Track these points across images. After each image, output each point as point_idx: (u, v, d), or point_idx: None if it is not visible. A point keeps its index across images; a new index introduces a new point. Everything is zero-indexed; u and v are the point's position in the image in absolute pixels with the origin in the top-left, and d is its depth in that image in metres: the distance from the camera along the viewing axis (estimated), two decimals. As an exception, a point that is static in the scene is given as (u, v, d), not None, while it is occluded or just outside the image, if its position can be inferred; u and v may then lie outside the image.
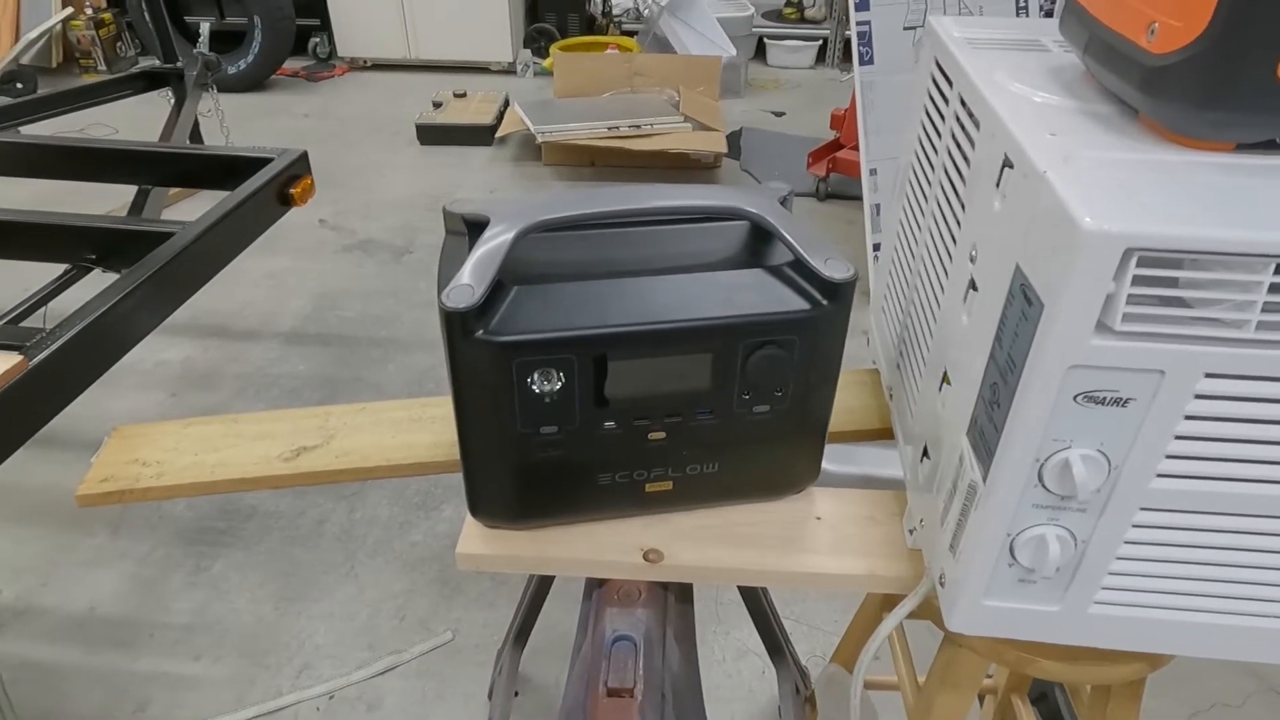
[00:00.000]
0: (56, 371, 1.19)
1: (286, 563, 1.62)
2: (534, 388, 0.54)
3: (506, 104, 3.70)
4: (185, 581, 1.57)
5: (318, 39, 4.51)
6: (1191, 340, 0.39)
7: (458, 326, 0.52)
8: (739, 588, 1.15)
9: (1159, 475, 0.43)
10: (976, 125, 0.52)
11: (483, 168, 3.37)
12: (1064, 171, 0.40)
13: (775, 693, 1.35)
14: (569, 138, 3.10)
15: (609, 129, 3.11)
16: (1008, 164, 0.45)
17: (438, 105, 3.68)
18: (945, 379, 0.54)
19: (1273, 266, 0.36)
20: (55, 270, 1.72)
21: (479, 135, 3.47)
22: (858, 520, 0.64)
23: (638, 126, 3.12)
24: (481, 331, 0.52)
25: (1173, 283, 0.39)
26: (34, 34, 3.82)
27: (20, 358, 1.13)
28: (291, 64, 4.38)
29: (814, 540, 0.63)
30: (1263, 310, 0.37)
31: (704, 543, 0.62)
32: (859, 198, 2.41)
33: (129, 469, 0.68)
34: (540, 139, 3.11)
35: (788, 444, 0.62)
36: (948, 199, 0.57)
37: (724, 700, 1.38)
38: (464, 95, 3.78)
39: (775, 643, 1.25)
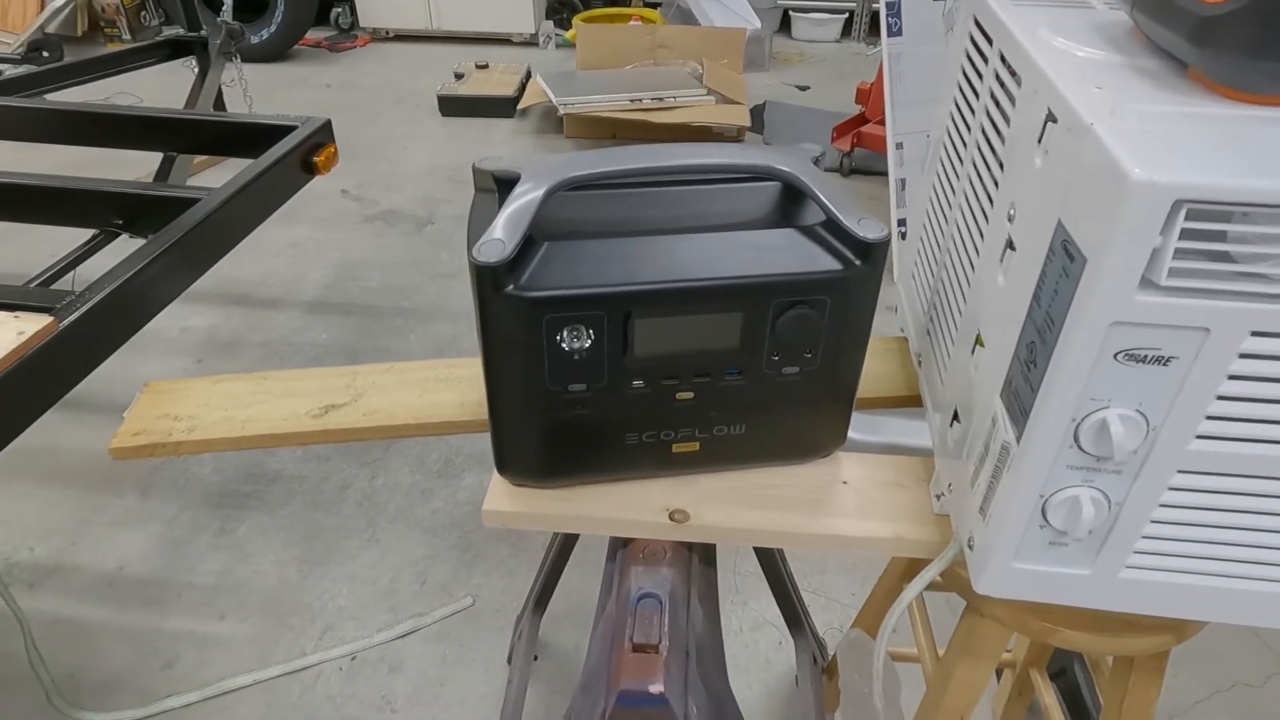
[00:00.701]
0: (85, 334, 1.21)
1: (310, 527, 1.64)
2: (563, 344, 0.54)
3: (529, 76, 3.68)
4: (211, 543, 1.60)
5: (340, 9, 4.50)
6: (1238, 297, 0.38)
7: (489, 281, 0.52)
8: (759, 558, 1.15)
9: (1198, 437, 0.43)
10: (1018, 82, 0.50)
11: (505, 140, 3.36)
12: (1111, 124, 0.39)
13: (793, 663, 1.36)
14: (591, 110, 3.08)
15: (631, 101, 3.09)
16: (1051, 119, 0.44)
17: (459, 77, 3.66)
18: (979, 341, 0.54)
19: (1327, 220, 0.35)
20: (83, 235, 1.74)
21: (501, 107, 3.46)
22: (884, 485, 0.64)
23: (660, 99, 3.09)
24: (512, 286, 0.52)
25: (1220, 237, 0.38)
26: (59, 2, 3.84)
27: (50, 319, 1.14)
28: (314, 34, 4.37)
29: (840, 504, 0.62)
30: (1314, 266, 0.36)
31: (730, 504, 0.62)
32: (883, 173, 2.38)
33: (161, 423, 0.69)
34: (562, 111, 3.09)
35: (816, 407, 0.61)
36: (985, 160, 0.56)
37: (741, 670, 1.39)
38: (486, 67, 3.76)
39: (794, 613, 1.26)
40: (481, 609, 1.48)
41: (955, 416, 0.58)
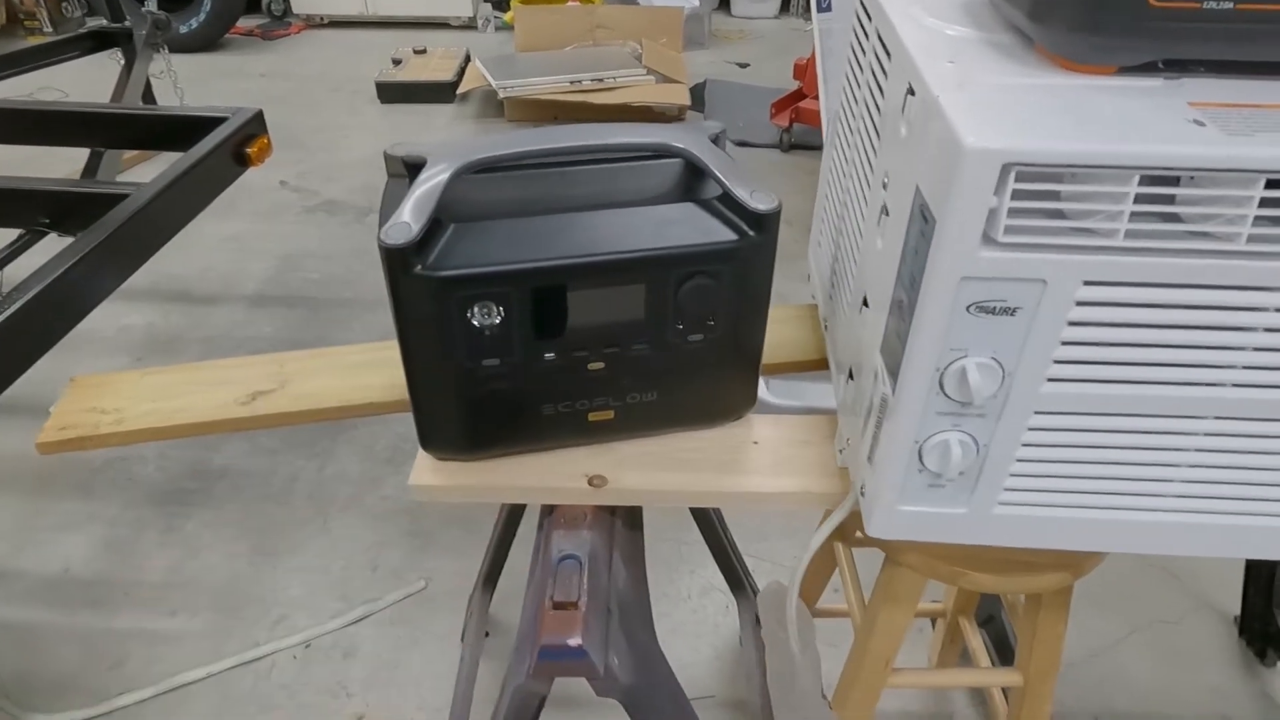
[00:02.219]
0: (13, 337, 1.19)
1: (259, 519, 1.64)
2: (474, 321, 0.57)
3: (468, 60, 3.64)
4: (158, 541, 1.59)
5: (271, -4, 4.40)
6: (1069, 250, 0.42)
7: (397, 262, 0.54)
8: (698, 525, 1.19)
9: (1049, 380, 0.47)
10: (890, 58, 0.54)
11: (445, 125, 3.33)
12: (954, 96, 0.43)
13: (738, 625, 1.41)
14: (531, 93, 3.08)
15: (571, 83, 3.09)
16: (910, 91, 0.48)
17: (397, 63, 3.62)
18: (865, 302, 0.57)
19: (1137, 178, 0.39)
20: (9, 236, 1.70)
21: (441, 92, 3.43)
22: (793, 443, 0.68)
23: (600, 80, 3.10)
24: (420, 267, 0.54)
25: (1054, 197, 0.42)
26: (-27, -5, 3.69)
27: (-24, 321, 1.13)
28: (245, 22, 4.28)
29: (752, 462, 0.66)
30: (1130, 219, 0.40)
31: (646, 468, 0.65)
32: (821, 148, 2.42)
33: (88, 416, 0.70)
34: (502, 94, 3.08)
35: (723, 371, 0.65)
36: (867, 132, 0.59)
37: (691, 635, 1.44)
38: (424, 52, 3.72)
39: (735, 577, 1.30)
40: (434, 591, 1.50)
41: (850, 375, 0.62)
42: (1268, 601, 1.34)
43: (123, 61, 2.61)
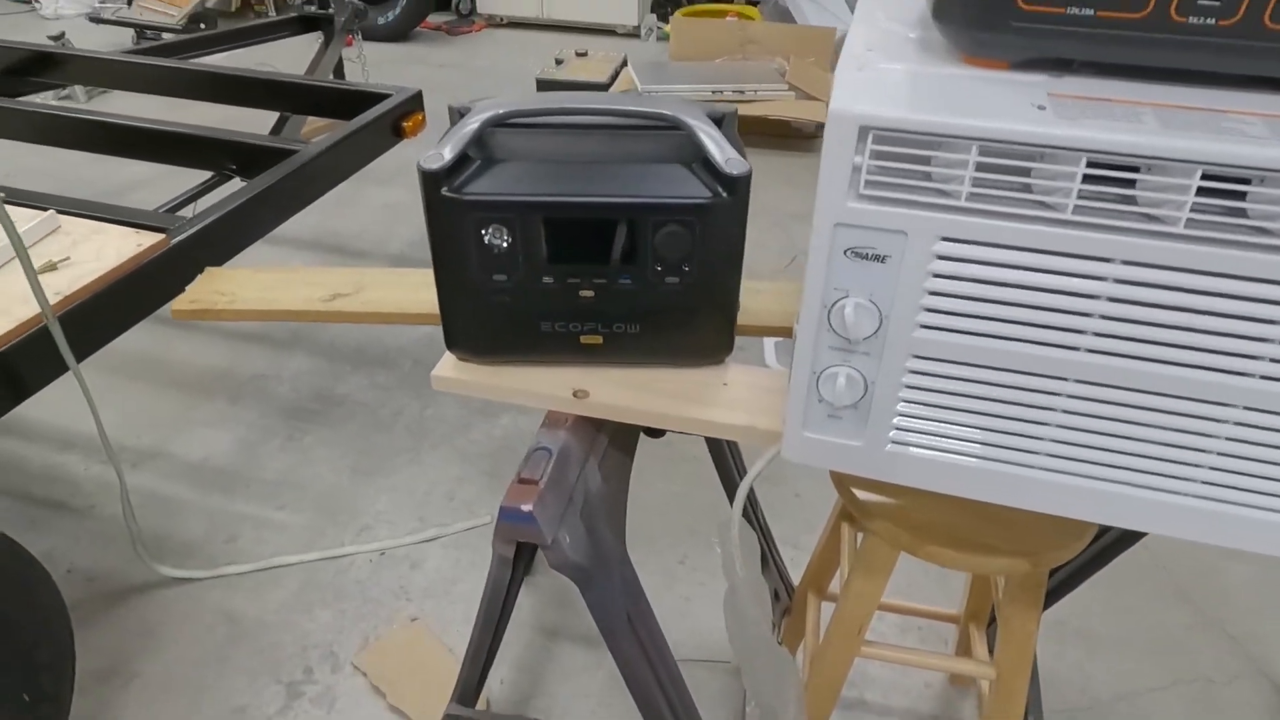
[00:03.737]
0: (190, 251, 1.45)
1: (364, 442, 1.87)
2: (487, 240, 0.70)
3: (624, 64, 3.85)
4: (280, 447, 1.85)
5: (461, -4, 4.81)
6: (925, 207, 0.50)
7: (430, 184, 0.68)
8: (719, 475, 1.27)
9: (921, 326, 0.54)
10: (849, 50, 0.63)
11: (593, 123, 3.54)
12: (849, 75, 0.52)
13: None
14: (673, 98, 3.23)
15: (713, 93, 3.22)
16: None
17: (559, 62, 3.87)
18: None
19: (975, 148, 0.47)
20: (203, 176, 2.03)
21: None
22: (756, 389, 0.77)
23: (741, 92, 3.21)
24: (446, 189, 0.68)
25: (924, 160, 0.50)
26: (217, -20, 4.28)
27: (163, 236, 1.39)
28: (435, 18, 4.70)
29: (714, 398, 0.76)
30: (972, 184, 0.48)
31: (625, 389, 0.77)
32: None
33: (211, 296, 0.90)
34: (646, 98, 3.25)
35: (699, 316, 0.75)
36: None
37: (716, 602, 1.52)
38: (585, 54, 3.96)
39: (763, 551, 1.38)
40: (498, 526, 1.66)
41: (801, 327, 0.70)
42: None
43: (322, 42, 3.00)
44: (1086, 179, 0.46)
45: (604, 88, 3.64)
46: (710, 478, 1.20)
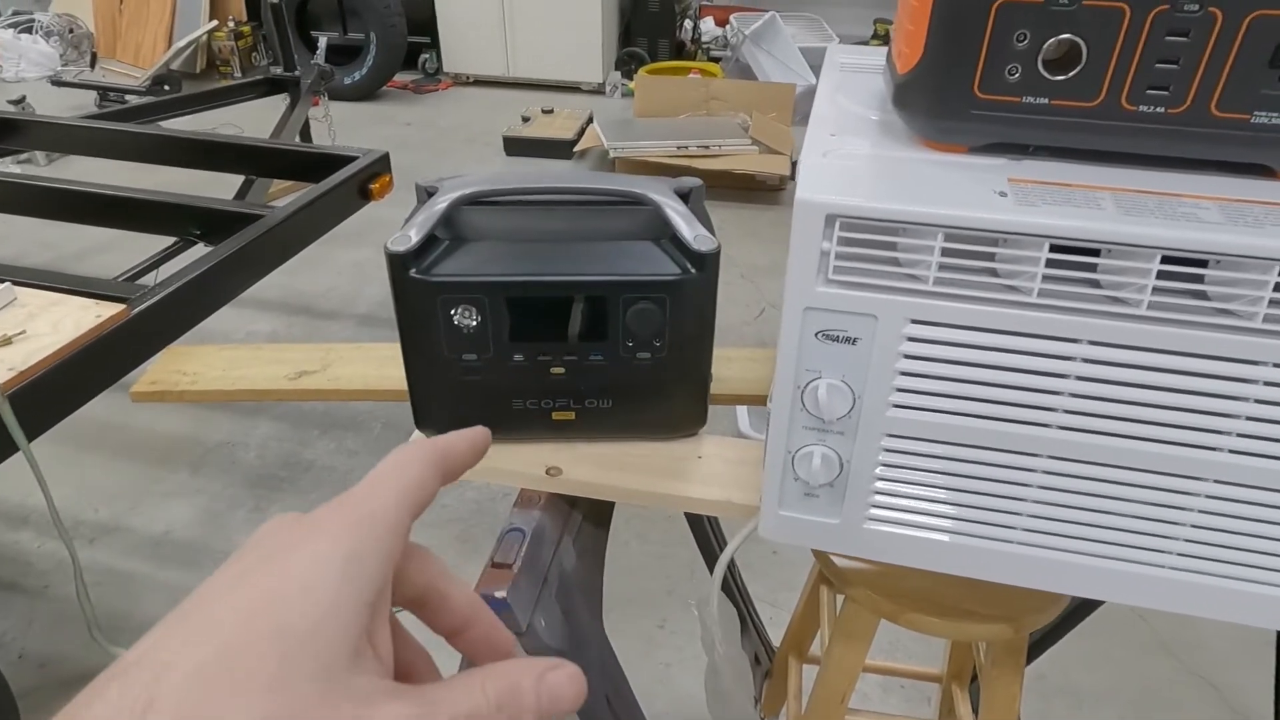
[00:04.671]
0: (153, 322, 1.42)
1: (331, 510, 1.82)
2: (456, 320, 0.69)
3: (589, 121, 3.92)
4: (245, 518, 1.80)
5: (427, 55, 4.88)
6: (894, 291, 0.50)
7: (398, 266, 0.68)
8: (698, 545, 1.26)
9: (894, 406, 0.54)
10: (813, 131, 0.64)
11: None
12: (815, 161, 0.53)
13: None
14: (640, 154, 3.28)
15: (678, 148, 3.27)
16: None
17: (526, 120, 3.93)
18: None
19: (941, 234, 0.48)
20: (165, 242, 2.01)
21: (559, 149, 3.70)
22: (731, 462, 0.76)
23: (706, 147, 3.27)
24: (414, 271, 0.67)
25: (891, 246, 0.50)
26: (182, 43, 4.31)
27: (124, 307, 1.36)
28: (401, 77, 4.76)
29: (689, 473, 0.75)
30: (938, 269, 0.49)
31: (598, 466, 0.76)
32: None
33: (173, 377, 0.88)
34: (612, 154, 3.30)
35: (672, 390, 0.74)
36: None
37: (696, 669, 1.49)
38: (551, 111, 4.03)
39: (741, 614, 1.36)
40: (471, 594, 1.62)
41: (774, 401, 0.70)
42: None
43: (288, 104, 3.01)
44: (1050, 263, 0.47)
45: (570, 144, 3.70)
46: (687, 535, 1.19)
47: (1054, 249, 0.47)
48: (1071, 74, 0.48)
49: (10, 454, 1.14)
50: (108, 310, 1.34)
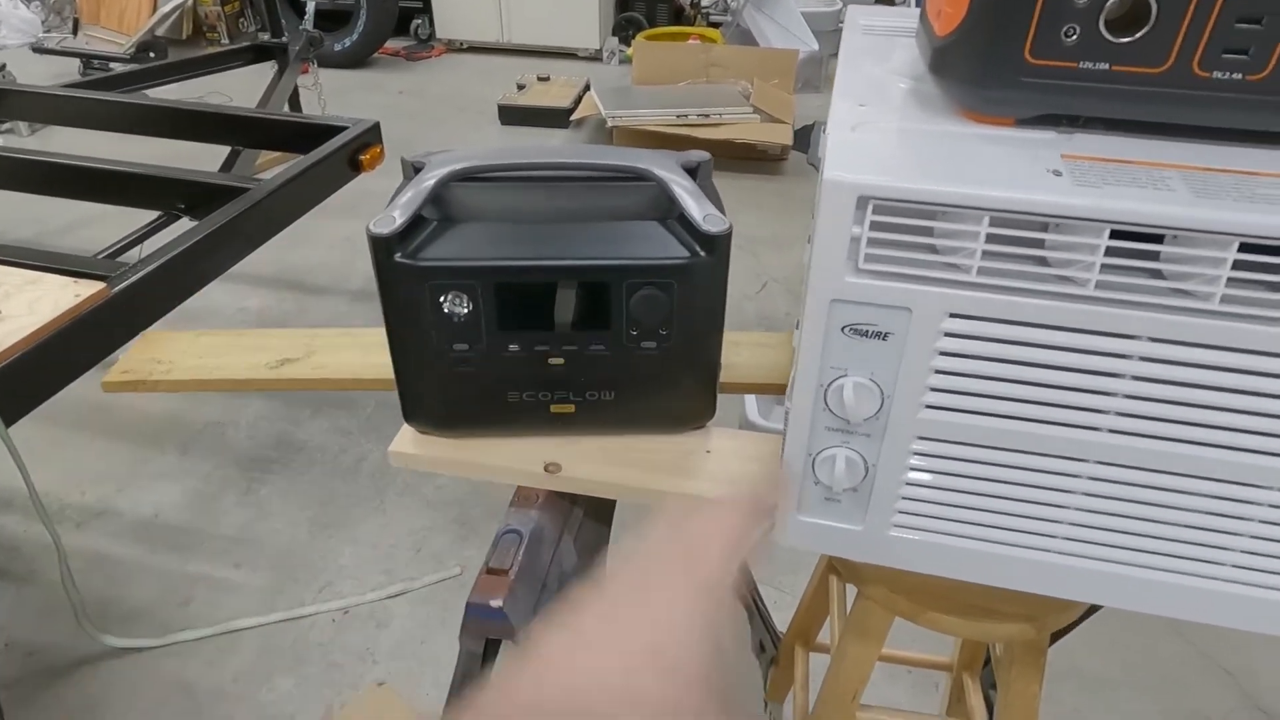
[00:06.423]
0: (134, 300, 1.37)
1: (325, 493, 1.78)
2: (446, 308, 0.64)
3: (586, 89, 3.82)
4: (236, 500, 1.76)
5: (419, 20, 4.76)
6: (934, 282, 0.45)
7: (381, 250, 0.62)
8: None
9: (926, 406, 0.49)
10: (835, 100, 0.58)
11: (557, 149, 3.50)
12: (844, 135, 0.47)
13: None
14: (638, 124, 3.20)
15: (678, 117, 3.19)
16: (824, 129, 0.52)
17: (521, 87, 3.84)
18: (798, 325, 0.61)
19: (986, 219, 0.42)
20: (149, 216, 1.94)
21: (556, 117, 3.61)
22: (741, 457, 0.71)
23: (706, 116, 3.19)
24: (399, 255, 0.62)
25: (928, 232, 0.45)
26: (167, 8, 4.19)
27: (103, 285, 1.31)
28: (393, 44, 4.64)
29: (697, 468, 0.70)
30: (982, 257, 0.43)
31: (600, 462, 0.71)
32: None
33: (147, 365, 0.82)
34: (610, 124, 3.22)
35: (678, 381, 0.69)
36: (822, 168, 0.63)
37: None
38: (547, 79, 3.92)
39: (746, 601, 1.32)
40: (468, 579, 1.59)
41: (789, 394, 0.65)
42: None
43: (276, 71, 2.91)
44: (1109, 251, 0.41)
45: (567, 113, 3.60)
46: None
47: (1114, 235, 0.41)
48: (1138, 35, 0.42)
49: (-15, 442, 1.09)
50: (87, 289, 1.29)
